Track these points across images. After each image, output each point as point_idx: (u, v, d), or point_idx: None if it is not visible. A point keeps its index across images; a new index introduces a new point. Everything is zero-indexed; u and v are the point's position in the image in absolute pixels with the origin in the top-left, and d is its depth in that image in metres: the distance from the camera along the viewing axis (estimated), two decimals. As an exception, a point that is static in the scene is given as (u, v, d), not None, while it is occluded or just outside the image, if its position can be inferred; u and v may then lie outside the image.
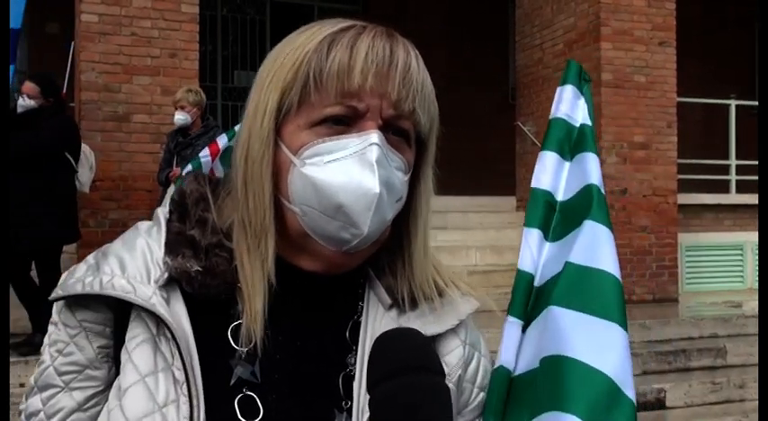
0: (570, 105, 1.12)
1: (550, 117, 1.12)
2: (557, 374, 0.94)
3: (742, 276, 8.90)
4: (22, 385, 4.82)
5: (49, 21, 9.48)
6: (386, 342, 0.82)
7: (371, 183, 0.82)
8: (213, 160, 5.12)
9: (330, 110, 0.84)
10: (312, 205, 0.84)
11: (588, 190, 1.05)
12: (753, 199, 8.00)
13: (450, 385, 0.92)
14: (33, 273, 5.25)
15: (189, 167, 5.05)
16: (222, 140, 5.18)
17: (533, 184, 1.09)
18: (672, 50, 8.07)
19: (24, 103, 5.07)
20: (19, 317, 5.28)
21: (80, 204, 6.30)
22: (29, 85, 5.11)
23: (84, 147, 5.48)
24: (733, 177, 9.21)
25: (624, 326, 0.96)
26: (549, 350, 0.96)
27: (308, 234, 0.86)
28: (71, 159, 5.28)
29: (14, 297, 5.21)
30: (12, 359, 4.91)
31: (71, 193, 5.36)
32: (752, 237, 8.33)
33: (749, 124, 7.18)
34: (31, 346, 5.05)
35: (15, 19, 5.26)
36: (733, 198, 8.95)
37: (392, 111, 0.85)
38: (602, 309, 0.97)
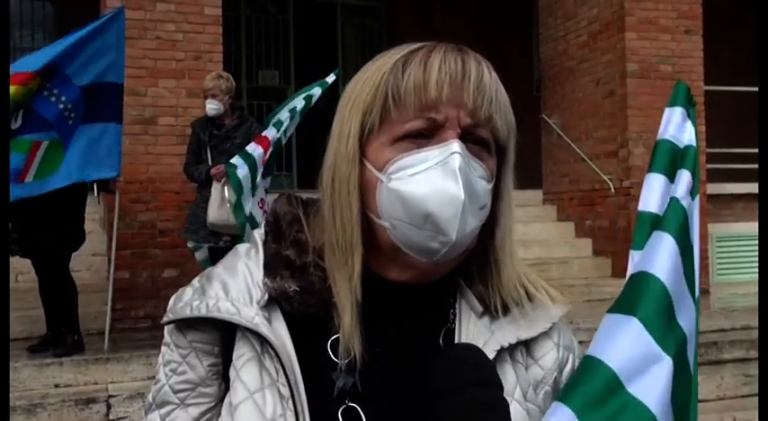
0: (677, 128, 1.16)
1: (658, 138, 1.15)
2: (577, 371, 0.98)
3: (775, 266, 8.77)
4: (56, 386, 4.92)
5: (74, 26, 9.60)
6: (448, 358, 0.86)
7: (456, 189, 0.85)
8: (266, 153, 5.13)
9: (410, 124, 0.88)
10: (400, 218, 0.87)
11: (669, 203, 1.08)
12: (784, 187, 7.87)
13: (547, 387, 0.97)
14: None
15: (240, 161, 5.05)
16: (271, 133, 5.18)
17: (640, 208, 1.13)
18: (698, 39, 7.96)
19: None
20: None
21: (109, 206, 6.41)
22: None
23: None
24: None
25: (644, 319, 0.97)
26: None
27: (398, 247, 0.89)
28: None
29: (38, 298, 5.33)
30: (47, 360, 5.02)
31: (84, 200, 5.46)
32: (784, 227, 8.19)
33: (779, 112, 7.05)
34: (65, 348, 5.16)
35: (118, 74, 5.30)
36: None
37: (469, 119, 0.88)
38: (625, 305, 0.99)
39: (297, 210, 0.98)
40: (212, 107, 5.40)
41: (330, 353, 0.90)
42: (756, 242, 8.86)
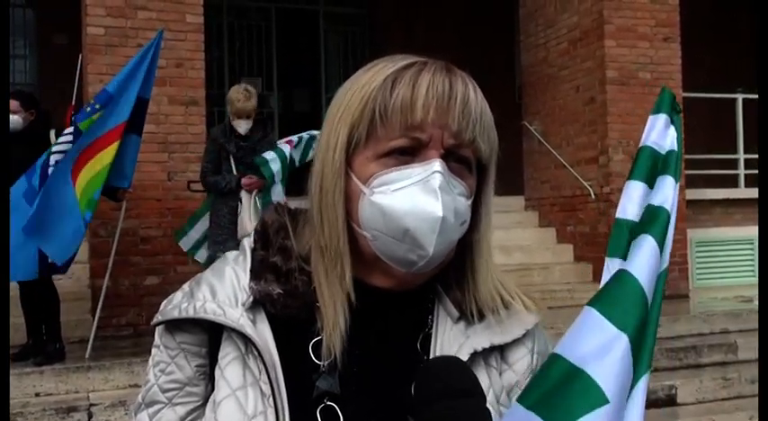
0: (660, 134, 1.14)
1: (640, 145, 1.13)
2: (546, 373, 0.96)
3: (753, 270, 8.87)
4: (37, 394, 4.89)
5: (56, 32, 9.57)
6: (432, 368, 0.88)
7: (435, 207, 0.88)
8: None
9: (395, 142, 0.91)
10: (381, 230, 0.91)
11: (648, 208, 1.07)
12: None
13: (519, 390, 0.99)
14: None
15: (272, 155, 5.02)
16: (294, 137, 5.21)
17: (618, 215, 1.12)
18: (676, 46, 8.06)
19: (12, 119, 5.22)
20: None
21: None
22: (12, 102, 5.26)
23: None
24: (741, 171, 9.18)
25: (622, 327, 0.95)
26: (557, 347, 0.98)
27: (378, 256, 0.93)
28: None
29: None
30: (27, 369, 4.98)
31: None
32: (762, 231, 8.29)
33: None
34: (46, 356, 5.12)
35: (148, 90, 5.35)
36: (742, 192, 8.92)
37: (453, 140, 0.91)
38: (607, 307, 0.98)
39: (284, 219, 1.01)
40: (246, 128, 5.33)
41: (312, 354, 0.94)
42: (735, 247, 8.95)
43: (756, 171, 8.50)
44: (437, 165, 0.89)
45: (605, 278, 1.09)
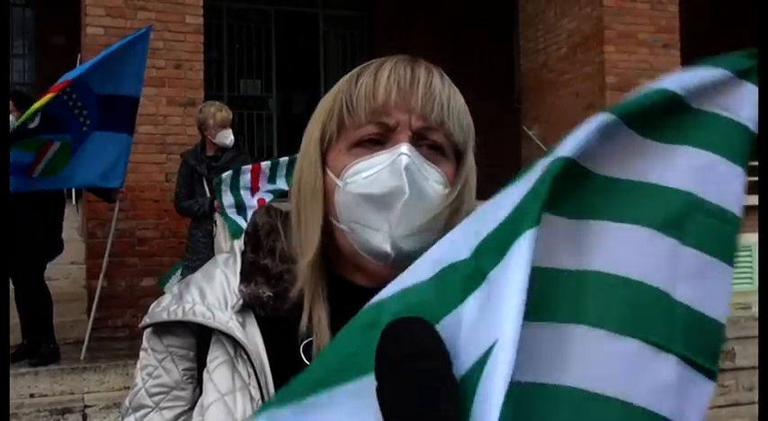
0: (732, 98, 0.75)
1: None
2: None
3: (751, 277, 8.87)
4: (32, 395, 4.87)
5: (55, 33, 9.57)
6: (395, 328, 0.83)
7: (399, 187, 0.88)
8: (256, 175, 5.00)
9: (363, 130, 0.91)
10: (356, 219, 0.90)
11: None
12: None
13: None
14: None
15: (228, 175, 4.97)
16: (265, 163, 5.11)
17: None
18: (676, 52, 8.06)
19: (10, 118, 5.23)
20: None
21: (88, 215, 6.36)
22: (10, 104, 5.26)
23: None
24: (740, 178, 9.19)
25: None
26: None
27: (357, 251, 0.92)
28: None
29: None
30: (22, 369, 4.96)
31: (62, 208, 5.45)
32: (760, 239, 8.29)
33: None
34: (40, 357, 5.10)
35: (136, 88, 5.32)
36: (740, 199, 8.92)
37: (421, 122, 0.91)
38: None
39: (275, 221, 1.00)
40: (232, 137, 5.21)
41: (303, 357, 0.93)
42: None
43: (755, 178, 8.51)
44: (404, 148, 0.89)
45: None
